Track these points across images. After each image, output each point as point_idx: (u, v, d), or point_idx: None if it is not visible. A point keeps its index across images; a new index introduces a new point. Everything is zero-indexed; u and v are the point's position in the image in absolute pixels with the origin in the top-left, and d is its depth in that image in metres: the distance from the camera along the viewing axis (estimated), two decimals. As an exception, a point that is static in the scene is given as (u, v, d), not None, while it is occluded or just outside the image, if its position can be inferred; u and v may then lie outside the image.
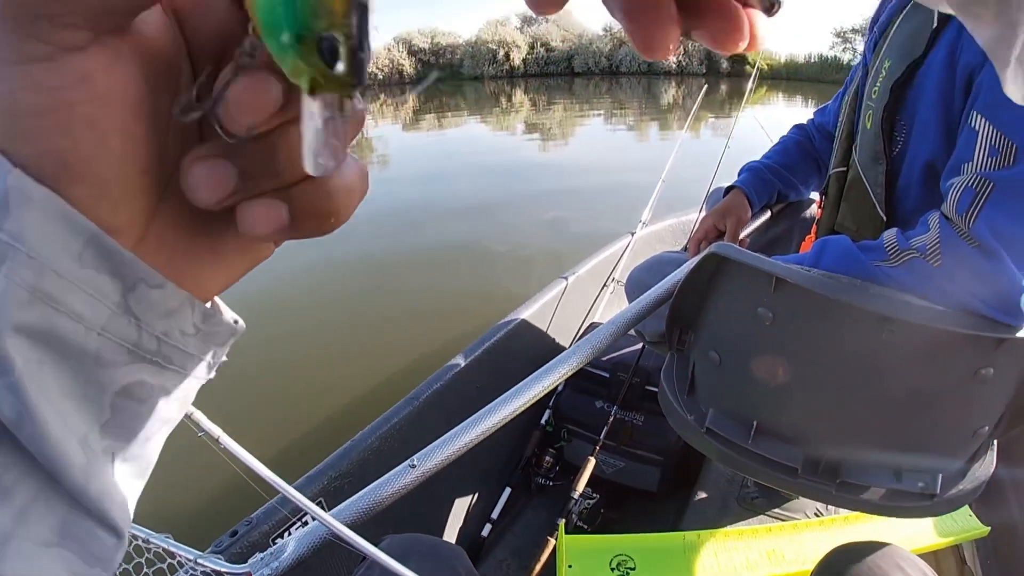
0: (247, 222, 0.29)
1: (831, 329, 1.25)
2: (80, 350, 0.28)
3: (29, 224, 0.25)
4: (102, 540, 0.31)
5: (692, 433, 1.51)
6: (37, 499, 0.28)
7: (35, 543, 0.27)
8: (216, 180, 0.28)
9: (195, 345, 0.33)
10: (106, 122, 0.26)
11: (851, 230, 1.48)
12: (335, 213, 0.30)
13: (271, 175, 0.29)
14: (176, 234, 0.32)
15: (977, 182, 1.14)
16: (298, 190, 0.29)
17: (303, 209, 0.29)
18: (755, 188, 1.92)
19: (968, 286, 1.15)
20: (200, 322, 0.33)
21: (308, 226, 0.30)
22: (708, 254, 1.34)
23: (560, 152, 14.10)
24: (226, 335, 0.36)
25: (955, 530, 1.85)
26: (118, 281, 0.28)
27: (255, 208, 0.29)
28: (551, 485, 2.51)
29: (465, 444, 1.21)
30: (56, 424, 0.27)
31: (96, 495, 0.29)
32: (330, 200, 0.30)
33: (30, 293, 0.26)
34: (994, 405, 1.29)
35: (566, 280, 3.05)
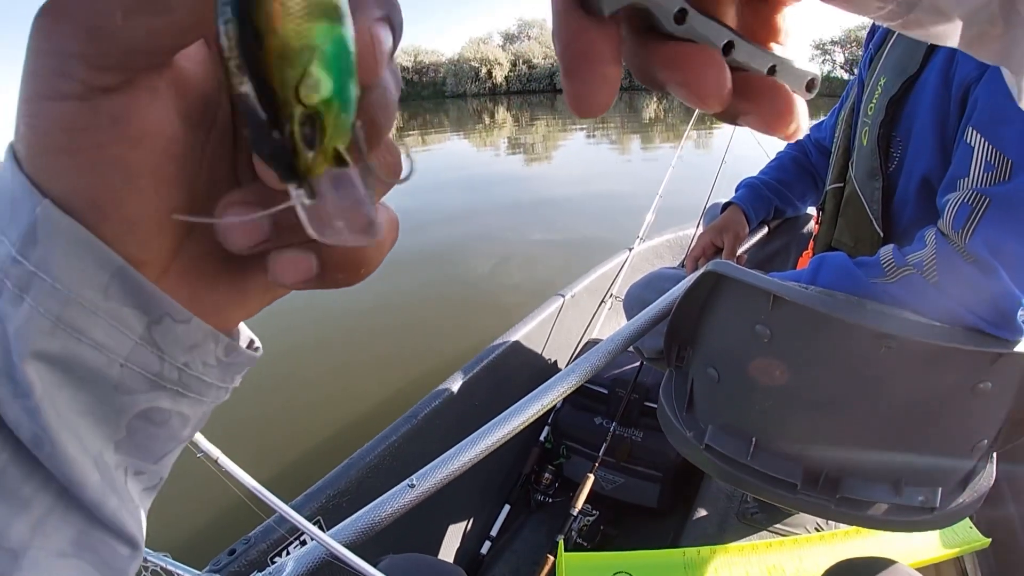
0: (276, 272, 0.29)
1: (829, 346, 1.25)
2: (101, 377, 0.28)
3: (55, 255, 0.26)
4: (118, 551, 0.31)
5: (691, 449, 1.51)
6: (54, 510, 0.28)
7: (52, 554, 0.28)
8: (249, 228, 0.28)
9: (216, 375, 0.34)
10: (137, 164, 0.26)
11: (848, 246, 1.49)
12: (363, 265, 0.30)
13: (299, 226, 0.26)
14: (201, 269, 0.31)
15: (973, 198, 1.14)
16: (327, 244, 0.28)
17: (332, 261, 0.29)
18: (752, 204, 1.92)
19: (965, 301, 1.15)
20: (223, 355, 0.33)
21: (336, 277, 0.30)
22: (706, 272, 1.35)
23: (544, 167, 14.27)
24: (245, 364, 0.36)
25: (956, 542, 1.85)
26: (143, 314, 0.28)
27: (284, 258, 0.29)
28: (550, 502, 2.50)
29: (465, 463, 1.21)
30: (72, 445, 0.27)
31: (112, 510, 0.30)
32: (359, 252, 0.30)
33: (53, 322, 0.26)
34: (992, 418, 1.29)
35: (563, 297, 3.05)
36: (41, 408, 0.26)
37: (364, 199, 0.26)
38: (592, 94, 0.26)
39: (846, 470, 1.35)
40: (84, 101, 0.24)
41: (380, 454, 2.01)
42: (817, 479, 1.36)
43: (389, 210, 0.31)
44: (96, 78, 0.24)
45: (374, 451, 2.01)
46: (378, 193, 0.29)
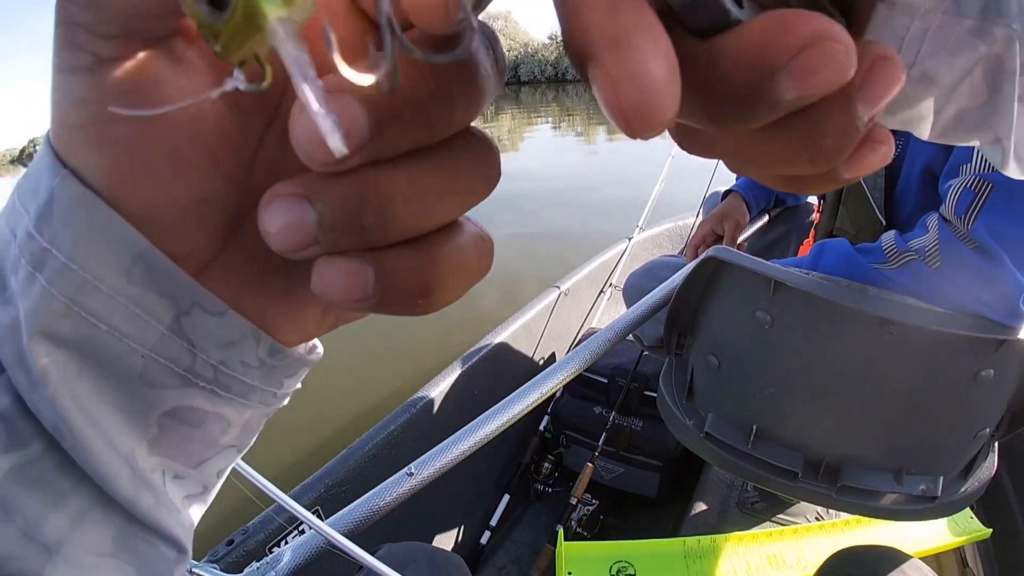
0: (319, 282, 0.23)
1: (830, 332, 1.24)
2: (123, 367, 0.26)
3: (70, 232, 0.24)
4: (161, 553, 0.30)
5: (691, 438, 1.51)
6: (95, 506, 0.27)
7: (90, 552, 0.27)
8: (291, 225, 0.22)
9: (259, 377, 0.31)
10: (150, 144, 0.24)
11: (850, 234, 1.48)
12: (434, 290, 0.24)
13: (354, 229, 0.22)
14: (247, 271, 0.29)
15: (976, 183, 1.13)
16: (390, 254, 0.23)
17: (393, 279, 0.23)
18: (753, 192, 1.92)
19: (967, 287, 1.15)
20: (266, 356, 0.30)
21: (396, 301, 0.24)
22: (706, 257, 1.34)
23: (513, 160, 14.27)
24: (296, 367, 0.33)
25: (957, 532, 1.85)
26: (171, 303, 0.26)
27: (330, 267, 0.23)
28: (550, 492, 2.50)
29: (463, 451, 1.20)
30: (96, 437, 0.26)
31: (147, 508, 0.28)
32: (431, 273, 0.24)
33: (67, 304, 0.25)
34: (994, 407, 1.29)
35: (559, 288, 3.04)
36: (58, 397, 0.25)
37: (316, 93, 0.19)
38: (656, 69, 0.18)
39: (847, 458, 1.34)
40: (93, 73, 0.23)
41: (379, 443, 2.01)
42: (818, 467, 1.35)
43: (481, 229, 0.26)
44: (100, 47, 0.22)
45: (372, 440, 2.01)
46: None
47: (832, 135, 0.20)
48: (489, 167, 0.25)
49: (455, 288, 0.25)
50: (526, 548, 2.31)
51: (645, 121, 0.18)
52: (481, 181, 0.24)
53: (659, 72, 0.18)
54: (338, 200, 0.21)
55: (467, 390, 2.36)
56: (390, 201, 0.22)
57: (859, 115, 0.20)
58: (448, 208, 0.24)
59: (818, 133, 0.20)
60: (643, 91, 0.17)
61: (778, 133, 0.21)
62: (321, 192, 0.22)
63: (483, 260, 0.26)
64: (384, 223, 0.22)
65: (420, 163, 0.23)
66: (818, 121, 0.20)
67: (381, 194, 0.22)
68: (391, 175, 0.22)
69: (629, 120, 0.18)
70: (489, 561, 2.25)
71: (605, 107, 0.18)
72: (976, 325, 1.15)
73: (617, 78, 0.18)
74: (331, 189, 0.22)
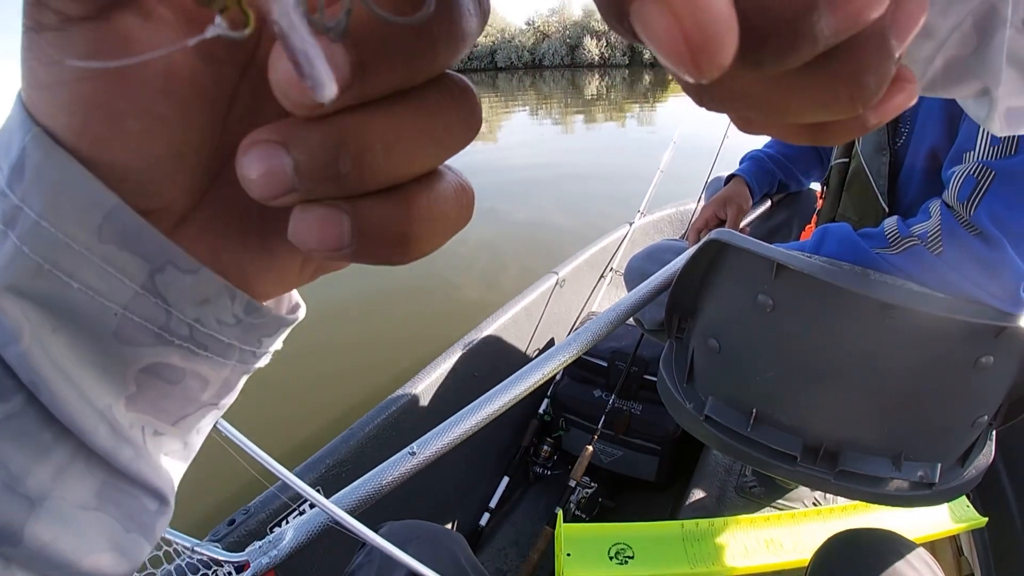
0: (295, 231, 0.23)
1: (831, 316, 1.25)
2: (97, 324, 0.26)
3: (41, 188, 0.24)
4: (144, 505, 0.30)
5: (691, 421, 1.51)
6: (76, 459, 0.27)
7: (73, 504, 0.27)
8: (268, 172, 0.21)
9: (236, 335, 0.30)
10: (119, 103, 0.23)
11: (853, 220, 1.48)
12: (412, 240, 0.24)
13: (331, 176, 0.22)
14: (225, 223, 0.29)
15: (979, 170, 1.14)
16: (368, 202, 0.23)
17: (370, 228, 0.23)
18: (756, 177, 1.92)
19: (969, 274, 1.16)
20: (243, 313, 0.30)
21: (373, 250, 0.23)
22: (709, 240, 1.34)
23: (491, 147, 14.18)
24: (275, 327, 0.32)
25: (953, 520, 1.85)
26: (144, 261, 0.26)
27: (307, 215, 0.22)
28: (549, 474, 2.51)
29: (465, 431, 1.21)
30: (71, 392, 0.26)
31: (127, 459, 0.28)
32: (409, 223, 0.23)
33: (39, 262, 0.25)
34: (993, 394, 1.29)
35: (557, 274, 3.03)
36: (31, 353, 0.25)
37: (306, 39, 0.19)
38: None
39: (846, 443, 1.35)
40: (60, 32, 0.22)
41: (380, 424, 2.01)
42: (817, 452, 1.36)
43: (460, 176, 0.26)
44: (66, 6, 0.22)
45: (374, 421, 2.01)
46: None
47: (873, 72, 0.20)
48: (469, 113, 0.24)
49: (434, 238, 0.24)
50: (525, 530, 2.32)
51: (714, 57, 0.17)
52: (461, 128, 0.24)
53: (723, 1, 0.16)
54: (315, 147, 0.21)
55: (468, 372, 2.37)
56: (368, 148, 0.22)
57: (894, 49, 0.20)
58: (427, 156, 0.23)
59: (860, 70, 0.20)
60: (709, 23, 0.16)
61: (815, 74, 0.20)
62: (298, 138, 0.21)
63: (463, 210, 0.25)
64: (361, 171, 0.22)
65: (399, 109, 0.22)
66: (858, 57, 0.20)
67: (359, 141, 0.21)
68: (369, 121, 0.22)
69: (697, 57, 0.17)
70: (488, 543, 2.27)
71: (662, 46, 0.17)
72: (976, 312, 1.16)
73: (679, 9, 0.16)
74: (308, 135, 0.21)
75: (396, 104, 0.22)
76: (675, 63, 0.17)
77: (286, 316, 0.33)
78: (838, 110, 0.21)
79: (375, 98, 0.22)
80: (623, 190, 3.65)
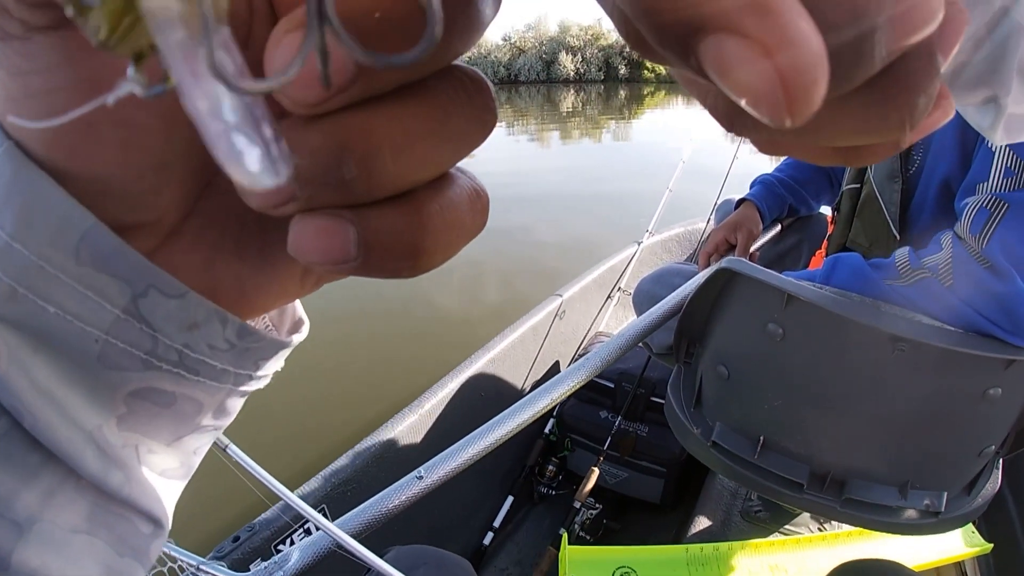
0: (295, 242, 0.21)
1: (841, 346, 1.25)
2: (79, 349, 0.25)
3: (13, 208, 0.23)
4: (137, 529, 0.28)
5: (698, 446, 1.51)
6: (66, 482, 0.26)
7: (63, 528, 0.25)
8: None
9: (230, 360, 0.28)
10: (96, 111, 0.20)
11: (863, 247, 1.49)
12: (423, 251, 0.21)
13: (334, 182, 0.20)
14: (220, 234, 0.27)
15: (991, 203, 1.14)
16: (375, 210, 0.21)
17: (378, 239, 0.20)
18: (767, 202, 1.92)
19: (979, 306, 1.15)
20: (235, 338, 0.28)
21: (381, 263, 0.21)
22: (720, 268, 1.34)
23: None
24: (271, 350, 0.30)
25: (958, 547, 1.85)
26: (124, 284, 0.24)
27: (309, 226, 0.20)
28: (554, 494, 2.51)
29: (474, 455, 1.21)
30: (54, 416, 0.25)
31: (117, 485, 0.27)
32: (420, 232, 0.21)
33: (12, 286, 0.23)
34: (1001, 425, 1.29)
35: (565, 293, 3.03)
36: (10, 377, 0.24)
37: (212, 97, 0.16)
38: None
39: (853, 471, 1.35)
40: (25, 41, 0.20)
41: (385, 444, 2.01)
42: (823, 480, 1.36)
43: (474, 181, 0.24)
44: (28, 15, 0.20)
45: (378, 441, 2.01)
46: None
47: (924, 92, 0.18)
48: (483, 109, 0.22)
49: (447, 248, 0.22)
50: (529, 550, 2.31)
51: (811, 100, 0.15)
52: (475, 125, 0.22)
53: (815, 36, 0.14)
54: (316, 149, 0.19)
55: (474, 393, 2.37)
56: (374, 150, 0.19)
57: (940, 65, 0.18)
58: (439, 158, 0.21)
59: (912, 91, 0.18)
60: (807, 62, 0.14)
61: (866, 96, 0.18)
62: (297, 140, 0.19)
63: (477, 217, 0.23)
64: (368, 175, 0.20)
65: (407, 105, 0.20)
66: (909, 77, 0.18)
67: (364, 142, 0.19)
68: (374, 120, 0.19)
69: (793, 101, 0.15)
70: (491, 562, 2.26)
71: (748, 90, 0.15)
72: (986, 344, 1.16)
73: (771, 46, 0.14)
74: (308, 137, 0.19)
75: (404, 100, 0.20)
76: (764, 108, 0.15)
77: (284, 339, 0.31)
78: (886, 133, 0.19)
79: (380, 94, 0.20)
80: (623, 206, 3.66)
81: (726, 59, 0.15)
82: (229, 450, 1.10)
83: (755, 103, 0.15)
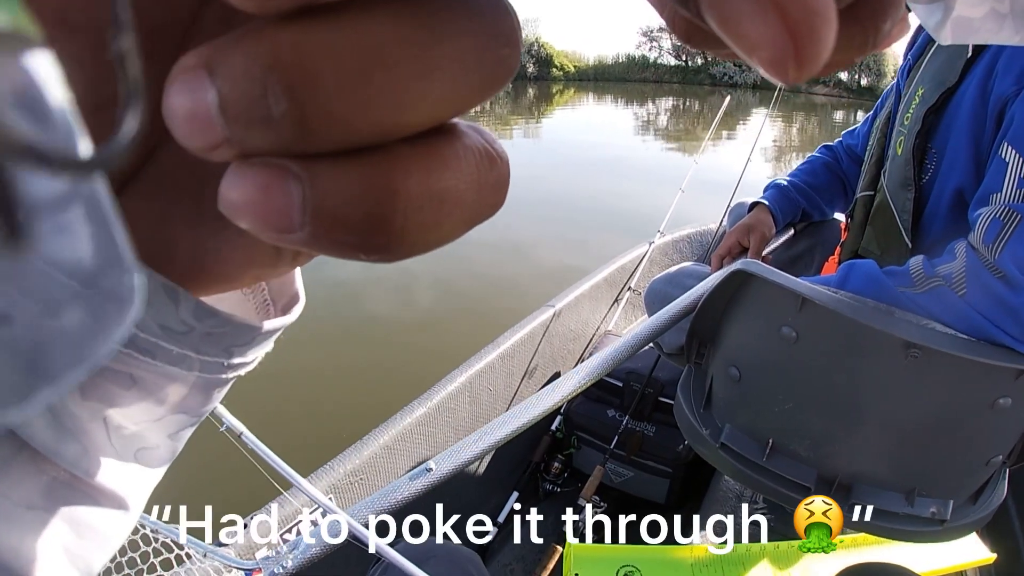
0: (222, 198, 0.16)
1: (854, 352, 1.25)
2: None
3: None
4: (99, 509, 0.25)
5: (706, 448, 1.52)
6: (21, 452, 0.23)
7: (17, 504, 0.23)
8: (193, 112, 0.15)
9: (191, 345, 0.24)
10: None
11: (876, 254, 1.49)
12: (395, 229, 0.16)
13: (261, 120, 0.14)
14: (177, 187, 0.22)
15: (1005, 213, 1.14)
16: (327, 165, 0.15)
17: (330, 205, 0.15)
18: (780, 205, 1.92)
19: (992, 316, 1.16)
20: (192, 319, 0.23)
21: (335, 236, 0.16)
22: (735, 270, 1.35)
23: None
24: (247, 335, 0.26)
25: (962, 556, 1.85)
26: None
27: (241, 179, 0.15)
28: (559, 492, 2.51)
29: (483, 449, 1.22)
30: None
31: (73, 456, 0.23)
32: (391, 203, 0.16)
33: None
34: (1009, 435, 1.30)
35: (578, 289, 3.03)
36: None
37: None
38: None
39: (860, 477, 1.35)
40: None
41: (393, 435, 2.02)
42: (830, 484, 1.36)
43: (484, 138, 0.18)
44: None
45: (387, 432, 2.02)
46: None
47: (891, 17, 0.18)
48: (496, 32, 0.16)
49: (433, 229, 0.17)
50: (533, 547, 2.31)
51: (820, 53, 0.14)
52: (481, 56, 0.16)
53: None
54: (240, 73, 0.14)
55: (482, 387, 2.37)
56: (310, 77, 0.14)
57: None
58: (425, 100, 0.15)
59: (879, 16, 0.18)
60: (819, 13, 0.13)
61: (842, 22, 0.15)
62: (224, 60, 0.15)
63: (485, 192, 0.17)
64: (300, 112, 0.14)
65: (374, 17, 0.15)
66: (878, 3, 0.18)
67: (294, 64, 0.14)
68: (315, 32, 0.14)
69: (802, 55, 0.14)
70: (495, 558, 2.26)
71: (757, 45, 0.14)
72: (998, 353, 1.16)
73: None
74: (234, 55, 0.14)
75: (372, 11, 0.15)
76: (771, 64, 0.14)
77: (257, 323, 0.26)
78: (852, 55, 0.18)
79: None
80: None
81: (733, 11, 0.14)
82: (244, 437, 1.10)
83: (761, 61, 0.14)
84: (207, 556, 1.27)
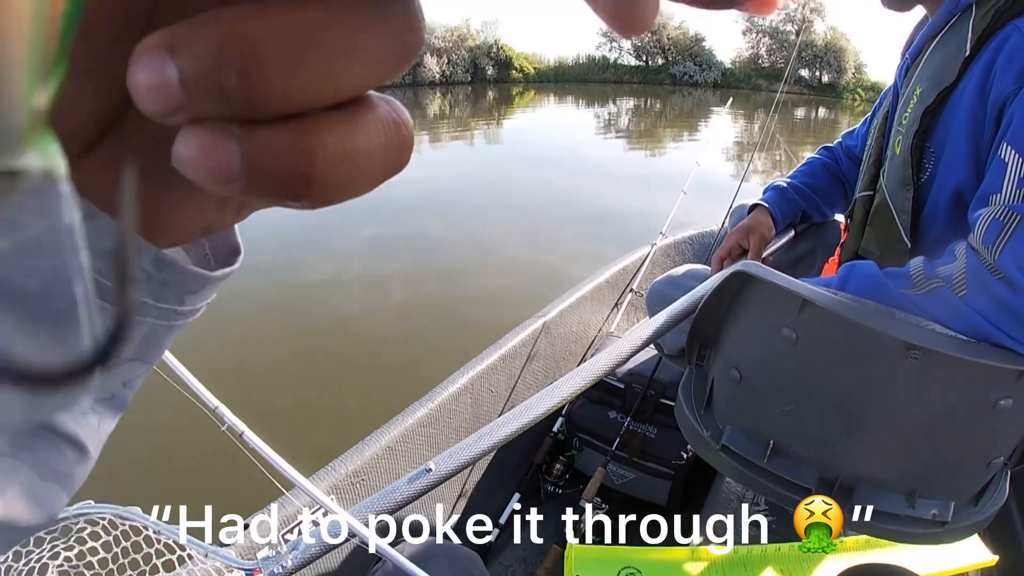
0: (176, 154, 0.19)
1: (855, 353, 1.25)
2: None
3: None
4: (62, 454, 0.26)
5: (707, 449, 1.52)
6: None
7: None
8: (155, 84, 0.18)
9: (150, 292, 0.26)
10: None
11: (875, 255, 1.49)
12: (315, 183, 0.20)
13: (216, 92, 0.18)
14: (141, 149, 0.24)
15: (1004, 214, 1.14)
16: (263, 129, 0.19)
17: (263, 161, 0.19)
18: (780, 207, 1.92)
19: (992, 317, 1.16)
20: (152, 268, 0.25)
21: (266, 187, 0.19)
22: (735, 272, 1.35)
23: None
24: (198, 283, 0.28)
25: (963, 558, 1.84)
26: None
27: (192, 139, 0.19)
28: (560, 493, 2.51)
29: (483, 450, 1.22)
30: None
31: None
32: (311, 160, 0.19)
33: None
34: (1011, 436, 1.29)
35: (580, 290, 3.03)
36: None
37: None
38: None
39: (861, 478, 1.35)
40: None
41: (394, 436, 2.02)
42: (831, 485, 1.36)
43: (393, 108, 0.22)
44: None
45: (389, 432, 2.02)
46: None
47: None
48: (404, 27, 0.20)
49: (347, 183, 0.20)
50: (534, 548, 2.32)
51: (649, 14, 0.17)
52: (391, 42, 0.20)
53: None
54: (200, 53, 0.18)
55: (484, 389, 2.38)
56: (258, 58, 0.18)
57: None
58: (341, 78, 0.19)
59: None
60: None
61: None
62: (186, 42, 0.18)
63: (393, 153, 0.21)
64: (248, 88, 0.18)
65: (305, 11, 0.18)
66: None
67: (247, 48, 0.18)
68: (261, 23, 0.18)
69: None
70: (496, 559, 2.26)
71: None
72: (998, 354, 1.16)
73: None
74: (196, 39, 0.18)
75: (303, 5, 0.19)
76: (613, 13, 0.17)
77: (207, 272, 0.28)
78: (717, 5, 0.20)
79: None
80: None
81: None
82: (245, 436, 1.10)
83: (613, 9, 0.17)
84: (208, 556, 1.27)
